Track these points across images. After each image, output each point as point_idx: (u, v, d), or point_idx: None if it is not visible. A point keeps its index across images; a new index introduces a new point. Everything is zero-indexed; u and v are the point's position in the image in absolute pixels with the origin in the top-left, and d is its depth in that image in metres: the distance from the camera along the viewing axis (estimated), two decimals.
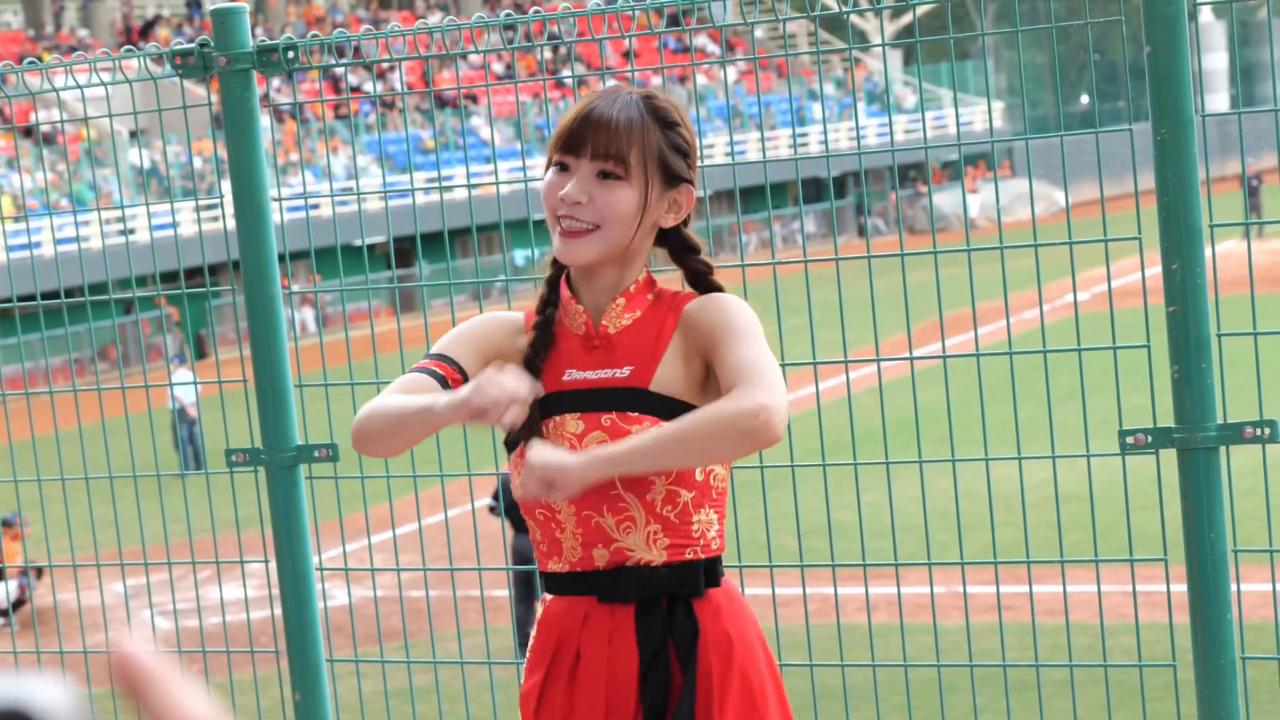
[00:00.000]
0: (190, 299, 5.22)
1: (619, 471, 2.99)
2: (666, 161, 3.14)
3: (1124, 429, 4.01)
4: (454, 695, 7.41)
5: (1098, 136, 4.15)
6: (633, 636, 3.12)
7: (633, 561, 3.12)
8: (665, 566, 3.12)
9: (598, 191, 3.10)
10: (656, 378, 3.13)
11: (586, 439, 3.11)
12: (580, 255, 3.12)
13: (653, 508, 3.10)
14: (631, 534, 3.12)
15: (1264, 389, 4.10)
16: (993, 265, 4.56)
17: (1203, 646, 3.96)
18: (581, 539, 3.14)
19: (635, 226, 3.12)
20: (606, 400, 3.14)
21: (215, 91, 4.79)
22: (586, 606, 3.16)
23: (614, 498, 3.10)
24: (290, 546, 4.76)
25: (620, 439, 3.06)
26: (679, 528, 3.12)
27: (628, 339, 3.17)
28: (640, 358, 3.15)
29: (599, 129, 3.10)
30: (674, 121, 3.17)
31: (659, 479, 3.09)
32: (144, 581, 12.39)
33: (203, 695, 0.97)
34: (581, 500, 3.10)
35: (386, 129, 40.17)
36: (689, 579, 3.13)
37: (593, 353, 3.18)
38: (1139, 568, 4.31)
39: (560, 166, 3.14)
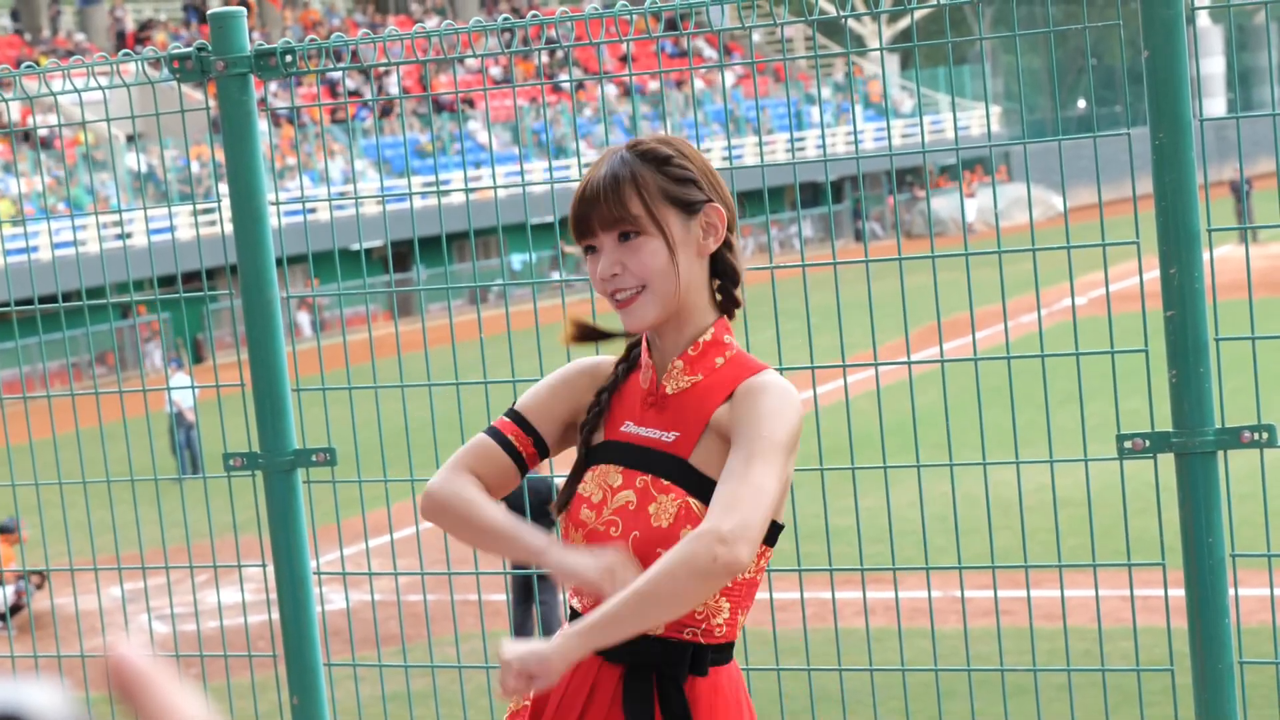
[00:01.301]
0: (187, 303, 5.22)
1: (596, 645, 2.93)
2: (673, 195, 3.10)
3: (1122, 433, 4.01)
4: (451, 700, 7.40)
5: (1095, 141, 4.16)
6: (611, 697, 3.08)
7: None
8: (659, 640, 3.06)
9: (626, 255, 3.07)
10: (696, 450, 3.09)
11: (617, 496, 3.08)
12: (641, 319, 3.09)
13: None
14: None
15: (1262, 393, 4.11)
16: (990, 270, 4.57)
17: (1200, 651, 3.96)
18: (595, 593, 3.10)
19: (675, 271, 3.08)
20: (649, 462, 3.10)
21: (213, 96, 4.79)
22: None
23: (636, 564, 3.04)
24: (288, 551, 4.76)
25: (647, 504, 3.04)
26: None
27: (682, 402, 3.12)
28: (687, 425, 3.11)
29: (595, 202, 3.08)
30: (664, 156, 3.12)
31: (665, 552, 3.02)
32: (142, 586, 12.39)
33: (198, 699, 0.97)
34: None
35: (384, 133, 40.17)
36: (676, 659, 3.07)
37: (649, 410, 3.14)
38: (1137, 572, 4.31)
39: (589, 250, 3.14)
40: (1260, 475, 4.09)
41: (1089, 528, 4.27)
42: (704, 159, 3.20)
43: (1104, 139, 4.20)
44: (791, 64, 28.05)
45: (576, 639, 2.89)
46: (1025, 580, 4.36)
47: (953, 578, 11.23)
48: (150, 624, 5.53)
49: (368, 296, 4.82)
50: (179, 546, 6.08)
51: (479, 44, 4.68)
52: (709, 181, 3.15)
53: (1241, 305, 4.12)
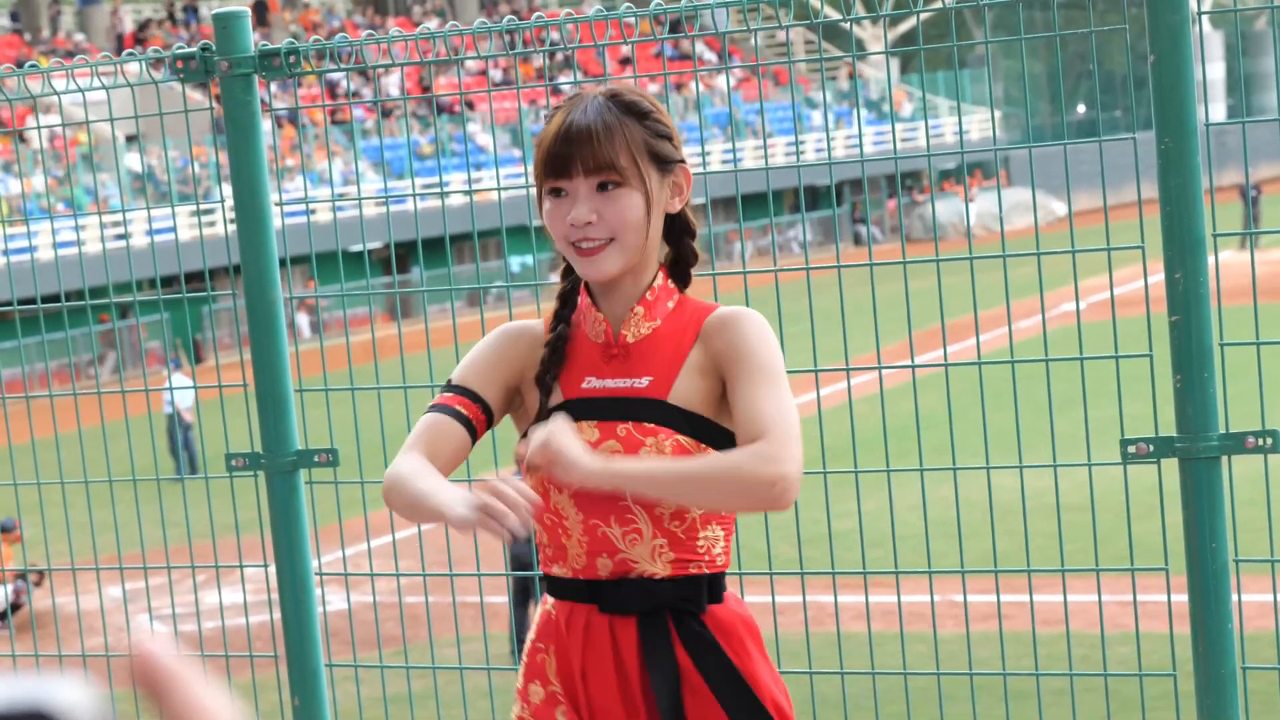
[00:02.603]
0: (188, 304, 5.21)
1: (623, 489, 2.97)
2: (654, 150, 3.09)
3: (1125, 438, 4.01)
4: (452, 701, 7.39)
5: (1101, 146, 4.15)
6: (636, 648, 3.10)
7: (636, 573, 3.10)
8: (668, 580, 3.09)
9: (603, 205, 3.05)
10: (675, 390, 3.10)
11: (600, 447, 3.08)
12: (605, 269, 3.08)
13: (660, 521, 3.08)
14: (637, 546, 3.09)
15: (1266, 399, 4.10)
16: (992, 274, 4.56)
17: (1203, 656, 3.96)
18: (586, 547, 3.11)
19: (648, 226, 3.09)
20: (624, 409, 3.10)
21: (215, 96, 4.79)
22: (587, 614, 3.14)
23: (622, 508, 3.07)
24: (289, 551, 4.76)
25: (635, 450, 3.05)
26: (685, 543, 3.09)
27: (647, 348, 3.13)
28: (659, 368, 3.12)
29: (582, 143, 3.05)
30: (646, 110, 3.11)
31: None
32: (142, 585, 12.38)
33: (225, 697, 0.96)
34: (589, 509, 3.08)
35: (385, 135, 40.16)
36: (692, 593, 3.10)
37: (611, 361, 3.14)
38: (1139, 577, 4.30)
39: (555, 192, 3.09)
40: (1263, 480, 4.09)
41: (1092, 532, 4.26)
42: (667, 113, 3.20)
43: (1106, 144, 4.20)
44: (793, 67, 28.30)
45: (609, 474, 2.92)
46: (1027, 584, 4.36)
47: (955, 582, 11.23)
48: (151, 623, 5.52)
49: (370, 297, 4.82)
50: (180, 546, 6.07)
51: (481, 46, 4.67)
52: (677, 140, 3.16)
53: (1246, 311, 4.11)
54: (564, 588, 3.16)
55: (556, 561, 3.17)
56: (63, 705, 0.92)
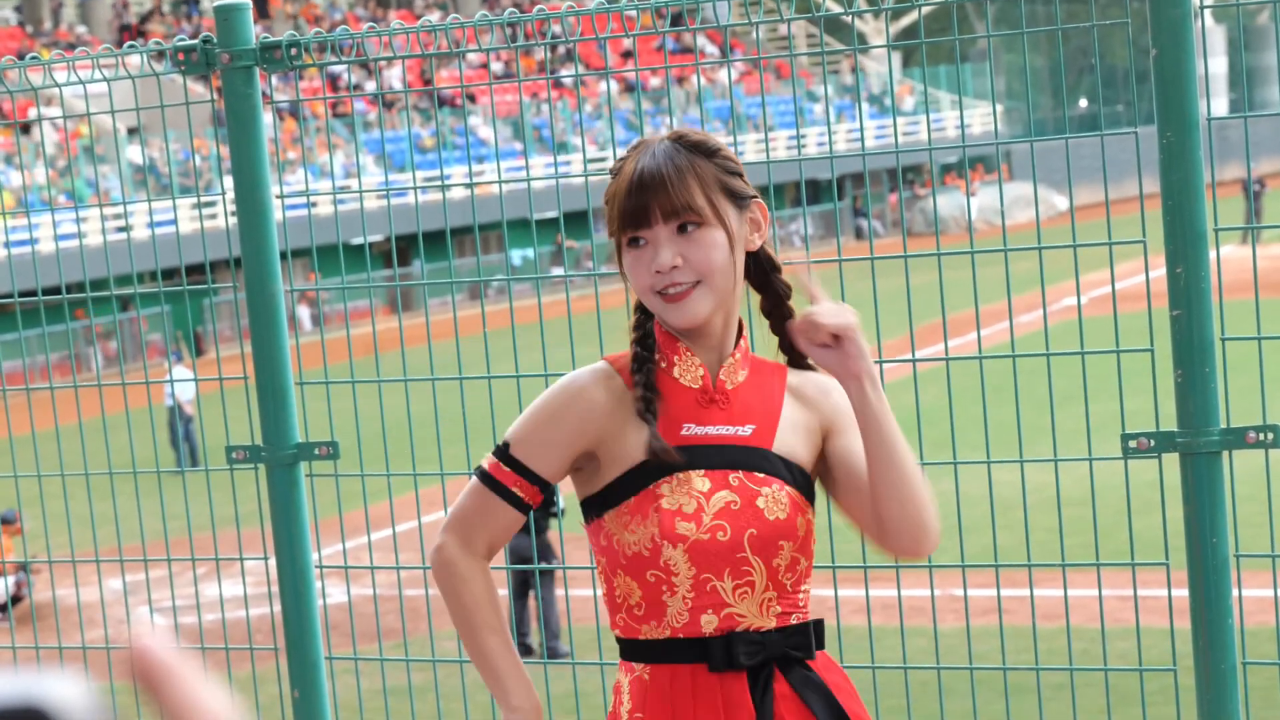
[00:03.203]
0: (189, 296, 5.21)
1: (884, 400, 2.98)
2: (729, 186, 3.02)
3: (1126, 433, 4.01)
4: (452, 694, 7.39)
5: (1102, 140, 4.15)
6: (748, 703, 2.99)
7: (743, 627, 3.01)
8: (775, 631, 3.02)
9: (686, 248, 2.97)
10: (777, 441, 3.05)
11: (714, 498, 2.99)
12: (697, 314, 2.99)
13: (775, 574, 3.01)
14: (746, 599, 3.00)
15: (1267, 394, 4.10)
16: (992, 268, 4.56)
17: (1204, 651, 3.96)
18: (692, 603, 3.00)
19: (734, 265, 3.01)
20: (732, 458, 3.02)
21: (216, 88, 4.78)
22: (692, 675, 3.01)
23: (739, 561, 2.99)
24: (289, 544, 4.76)
25: (751, 500, 3.00)
26: (790, 595, 3.04)
27: (744, 396, 3.07)
28: (759, 418, 3.06)
29: (658, 190, 2.97)
30: (714, 148, 3.04)
31: (786, 544, 3.01)
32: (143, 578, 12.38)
33: (222, 691, 0.96)
34: (703, 563, 2.98)
35: (386, 128, 40.11)
36: (801, 641, 3.04)
37: (710, 408, 3.05)
38: (1139, 572, 4.30)
39: (634, 242, 3.01)
40: (1264, 475, 4.09)
41: (1092, 527, 4.26)
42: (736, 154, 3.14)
43: (1106, 138, 4.19)
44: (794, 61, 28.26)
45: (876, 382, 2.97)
46: (1028, 579, 4.36)
47: (955, 576, 11.22)
48: (151, 616, 5.53)
49: (370, 290, 4.81)
50: (180, 539, 6.07)
51: (482, 39, 4.67)
52: (746, 177, 3.09)
53: (1248, 305, 4.11)
54: (662, 649, 3.03)
55: (648, 621, 3.03)
56: (58, 701, 0.92)
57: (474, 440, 4.73)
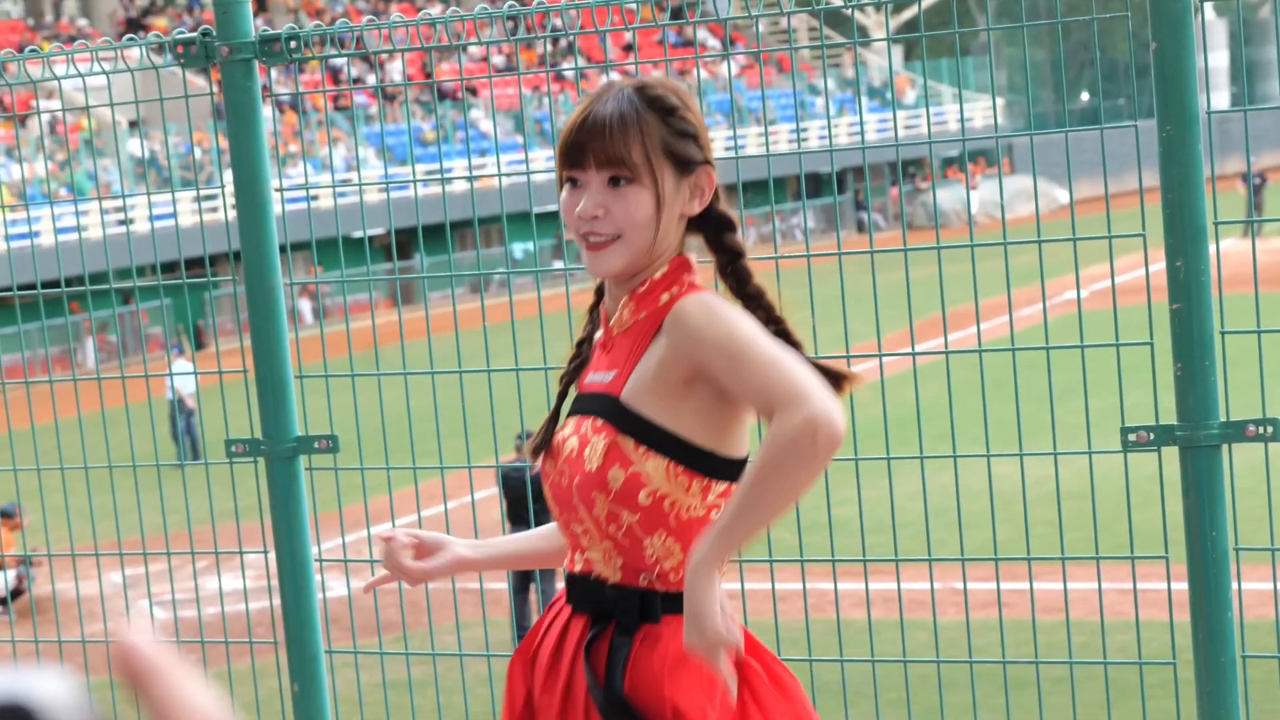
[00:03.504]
0: (187, 290, 5.20)
1: (726, 559, 2.80)
2: (673, 150, 3.00)
3: (1126, 426, 4.01)
4: (452, 688, 7.40)
5: (1102, 133, 4.15)
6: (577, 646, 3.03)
7: (595, 574, 3.04)
8: (615, 587, 3.01)
9: (612, 201, 2.98)
10: (627, 386, 3.00)
11: (567, 444, 3.05)
12: (607, 266, 3.01)
13: (599, 524, 3.01)
14: (593, 547, 3.04)
15: (1267, 387, 4.10)
16: (993, 262, 4.55)
17: (1203, 644, 3.96)
18: (569, 542, 3.11)
19: (655, 227, 2.99)
20: (590, 404, 3.06)
21: (216, 81, 4.78)
22: (559, 607, 3.13)
23: (574, 506, 3.03)
24: (289, 537, 4.76)
25: (583, 448, 3.00)
26: (630, 550, 2.99)
27: (622, 341, 3.06)
28: (622, 362, 3.04)
29: (596, 135, 2.97)
30: (672, 106, 3.01)
31: (599, 496, 2.97)
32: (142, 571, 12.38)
33: (204, 685, 0.96)
34: (556, 504, 3.08)
35: (387, 121, 40.12)
36: (627, 606, 2.99)
37: (601, 355, 3.10)
38: (1139, 565, 4.30)
39: (571, 182, 3.03)
40: (1263, 469, 4.09)
41: (1092, 520, 4.26)
42: (699, 113, 3.09)
43: (1107, 132, 4.19)
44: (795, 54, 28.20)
45: (705, 568, 2.76)
46: (1027, 572, 4.36)
47: (954, 569, 11.23)
48: (151, 609, 5.53)
49: (370, 284, 4.81)
50: (180, 532, 6.08)
51: (483, 32, 4.67)
52: (704, 139, 3.06)
53: (1247, 299, 4.11)
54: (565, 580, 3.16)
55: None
56: (42, 698, 0.92)
57: (473, 434, 4.73)
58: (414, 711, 4.96)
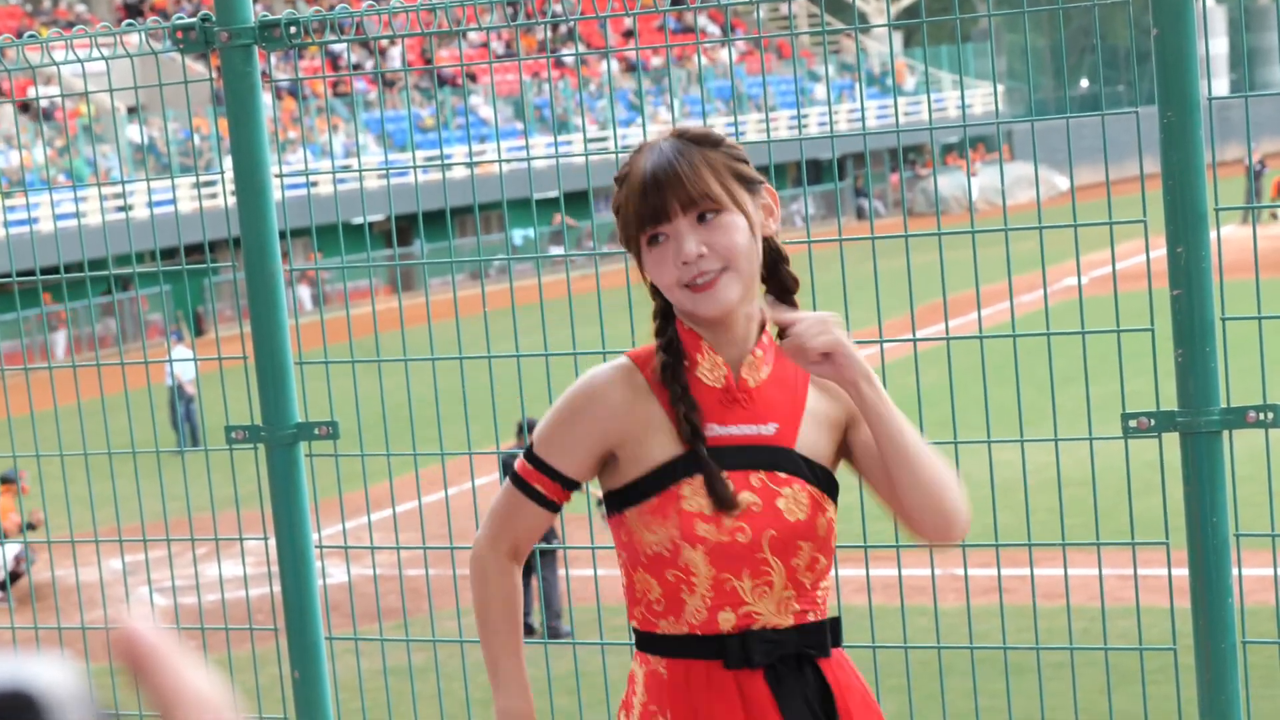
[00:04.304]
0: (188, 276, 5.20)
1: (875, 402, 2.96)
2: (740, 173, 3.01)
3: (1127, 412, 4.00)
4: (452, 674, 7.41)
5: (1103, 119, 4.14)
6: (768, 700, 3.00)
7: (759, 625, 3.01)
8: (793, 629, 3.02)
9: (709, 235, 2.95)
10: (800, 439, 3.04)
11: (738, 499, 3.00)
12: (726, 299, 2.97)
13: (794, 573, 3.01)
14: (764, 598, 3.01)
15: (1267, 373, 4.10)
16: (993, 248, 4.55)
17: (1203, 630, 3.96)
18: (711, 602, 3.01)
19: (755, 249, 3.00)
20: (755, 458, 3.02)
21: (215, 67, 4.77)
22: (707, 671, 3.03)
23: (758, 561, 3.00)
24: (289, 524, 4.76)
25: (771, 500, 2.99)
26: (809, 593, 3.04)
27: (768, 393, 3.05)
28: (782, 415, 3.04)
29: (672, 183, 2.95)
30: (718, 139, 3.04)
31: (805, 545, 3.01)
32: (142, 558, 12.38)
33: (205, 672, 0.96)
34: (722, 563, 2.99)
35: (386, 107, 40.07)
36: (817, 640, 3.04)
37: (733, 407, 3.04)
38: (1140, 551, 4.30)
39: (653, 240, 2.99)
40: (1264, 455, 4.09)
41: (1093, 507, 4.26)
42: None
43: (1108, 118, 4.18)
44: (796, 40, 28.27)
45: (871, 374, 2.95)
46: (1028, 558, 4.36)
47: (955, 555, 11.23)
48: (151, 596, 5.53)
49: (370, 270, 4.81)
50: (180, 519, 6.08)
51: (483, 18, 4.66)
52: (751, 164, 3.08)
53: (1248, 285, 4.10)
54: (679, 645, 3.05)
55: (667, 617, 3.05)
56: (44, 684, 0.92)
57: (474, 420, 4.73)
58: (414, 698, 4.96)
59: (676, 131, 3.05)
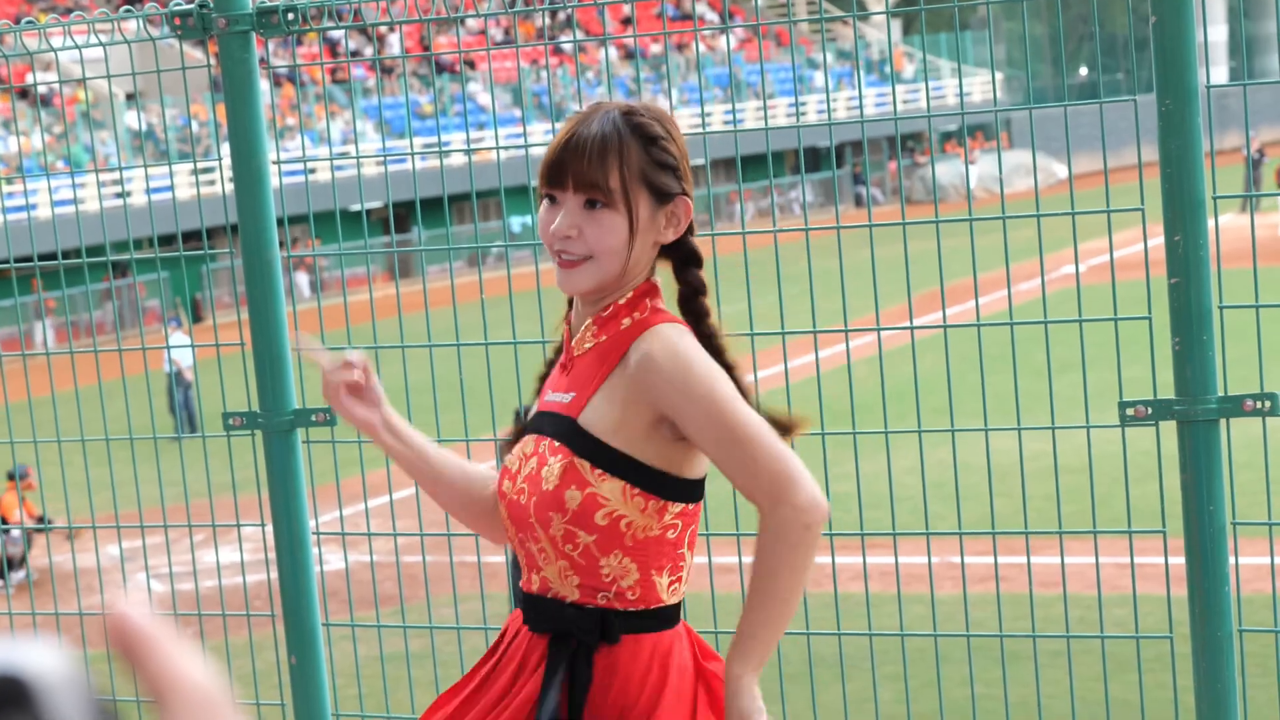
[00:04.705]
0: (186, 263, 5.20)
1: (761, 666, 2.96)
2: (651, 180, 3.03)
3: (1124, 400, 4.00)
4: (449, 661, 7.40)
5: (1101, 108, 4.14)
6: (538, 665, 3.04)
7: (552, 593, 3.05)
8: (573, 606, 3.03)
9: (585, 223, 3.00)
10: (585, 410, 3.03)
11: (527, 463, 3.06)
12: (576, 285, 3.04)
13: (556, 543, 3.02)
14: (549, 565, 3.05)
15: (1265, 362, 4.10)
16: (992, 236, 4.55)
17: (1200, 619, 3.96)
18: (524, 560, 3.11)
19: (627, 253, 3.02)
20: (548, 424, 3.07)
21: (214, 54, 4.77)
22: (518, 625, 3.12)
23: (530, 525, 3.04)
24: (287, 510, 4.76)
25: (541, 466, 3.01)
26: (586, 569, 3.01)
27: (583, 364, 3.08)
28: (581, 385, 3.07)
29: (577, 156, 3.00)
30: (656, 135, 3.04)
31: (556, 515, 3.00)
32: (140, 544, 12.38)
33: (198, 658, 0.96)
34: (512, 521, 3.08)
35: (384, 94, 40.05)
36: (587, 626, 3.01)
37: (561, 375, 3.12)
38: (1136, 540, 4.30)
39: (550, 199, 3.05)
40: (1261, 443, 4.09)
41: (1089, 495, 4.26)
42: (683, 142, 3.11)
43: (1106, 106, 4.18)
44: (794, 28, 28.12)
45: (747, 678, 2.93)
46: (1025, 546, 4.36)
47: (952, 543, 11.24)
48: (148, 582, 5.53)
49: (368, 257, 4.81)
50: (177, 505, 6.08)
51: (481, 4, 4.65)
52: (684, 170, 3.08)
53: (1245, 274, 4.10)
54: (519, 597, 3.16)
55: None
56: (37, 670, 0.92)
57: (472, 407, 4.73)
58: (411, 684, 4.96)
59: (627, 108, 3.07)
